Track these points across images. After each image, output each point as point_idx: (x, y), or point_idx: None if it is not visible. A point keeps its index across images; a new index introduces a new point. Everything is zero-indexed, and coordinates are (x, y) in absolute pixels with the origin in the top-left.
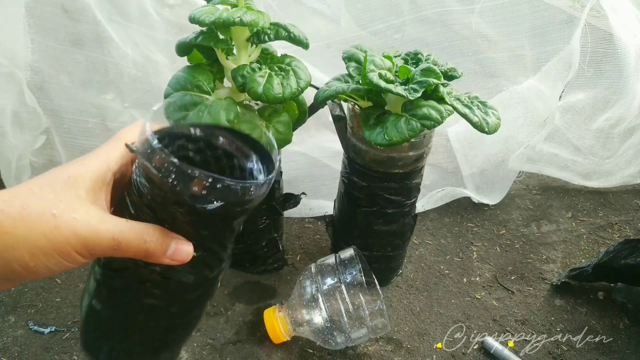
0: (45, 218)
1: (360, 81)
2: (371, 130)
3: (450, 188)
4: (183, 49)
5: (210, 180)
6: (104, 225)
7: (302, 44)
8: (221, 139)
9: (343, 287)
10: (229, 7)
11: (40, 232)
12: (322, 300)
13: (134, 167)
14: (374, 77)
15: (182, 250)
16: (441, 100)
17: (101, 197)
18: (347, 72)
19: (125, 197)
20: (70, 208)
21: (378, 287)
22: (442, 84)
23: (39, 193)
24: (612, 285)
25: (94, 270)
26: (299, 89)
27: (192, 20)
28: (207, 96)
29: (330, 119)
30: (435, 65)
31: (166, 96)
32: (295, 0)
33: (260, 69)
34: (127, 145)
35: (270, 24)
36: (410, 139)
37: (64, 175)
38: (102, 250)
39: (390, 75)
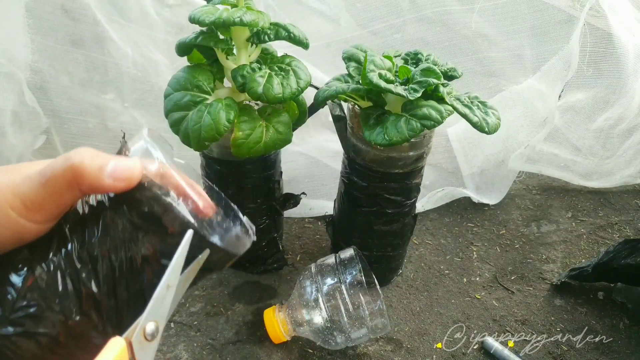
0: None
1: (360, 81)
2: (371, 130)
3: (450, 188)
4: (183, 49)
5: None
6: (33, 166)
7: (302, 44)
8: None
9: (343, 287)
10: (229, 7)
11: None
12: (322, 300)
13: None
14: (374, 77)
15: (125, 165)
16: (441, 100)
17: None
18: (347, 72)
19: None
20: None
21: (378, 287)
22: (442, 84)
23: None
24: (612, 285)
25: None
26: (299, 89)
27: (192, 20)
28: (207, 96)
29: (330, 119)
30: (435, 65)
31: (166, 96)
32: (295, 0)
33: (260, 69)
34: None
35: (270, 24)
36: (410, 139)
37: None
38: (30, 191)
39: (390, 75)
